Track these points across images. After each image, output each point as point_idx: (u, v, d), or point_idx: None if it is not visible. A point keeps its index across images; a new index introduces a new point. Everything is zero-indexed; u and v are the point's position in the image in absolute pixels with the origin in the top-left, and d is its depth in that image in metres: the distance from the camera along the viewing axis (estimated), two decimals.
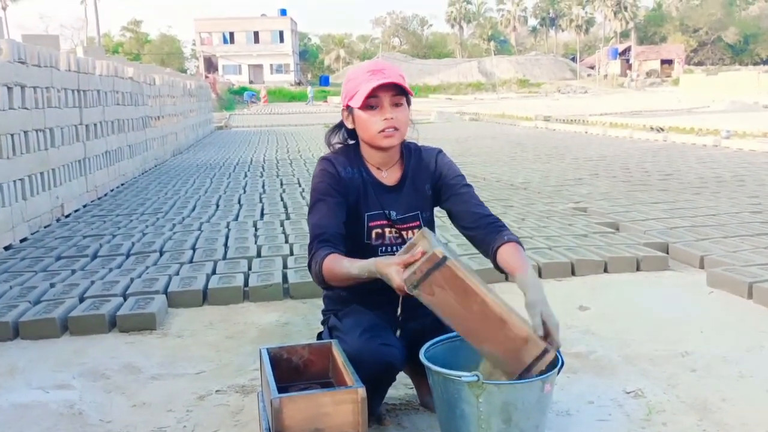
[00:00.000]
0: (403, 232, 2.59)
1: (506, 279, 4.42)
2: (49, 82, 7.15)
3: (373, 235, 2.56)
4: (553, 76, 78.51)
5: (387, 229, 2.57)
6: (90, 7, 54.41)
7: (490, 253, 2.44)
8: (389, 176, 2.61)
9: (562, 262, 4.72)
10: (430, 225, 2.64)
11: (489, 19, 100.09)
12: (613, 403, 2.75)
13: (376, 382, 2.32)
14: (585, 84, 71.08)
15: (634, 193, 7.69)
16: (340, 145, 2.66)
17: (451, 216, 2.63)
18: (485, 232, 2.48)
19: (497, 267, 2.43)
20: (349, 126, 2.57)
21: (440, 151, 2.71)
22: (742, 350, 3.27)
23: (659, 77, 73.29)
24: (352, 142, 2.65)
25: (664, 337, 3.45)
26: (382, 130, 2.45)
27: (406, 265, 2.08)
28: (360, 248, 2.50)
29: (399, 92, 2.45)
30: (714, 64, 79.49)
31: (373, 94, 2.41)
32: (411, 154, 2.65)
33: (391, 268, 2.10)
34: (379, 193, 2.57)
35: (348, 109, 2.53)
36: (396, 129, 2.46)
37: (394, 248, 2.57)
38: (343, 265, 2.29)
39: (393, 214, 2.57)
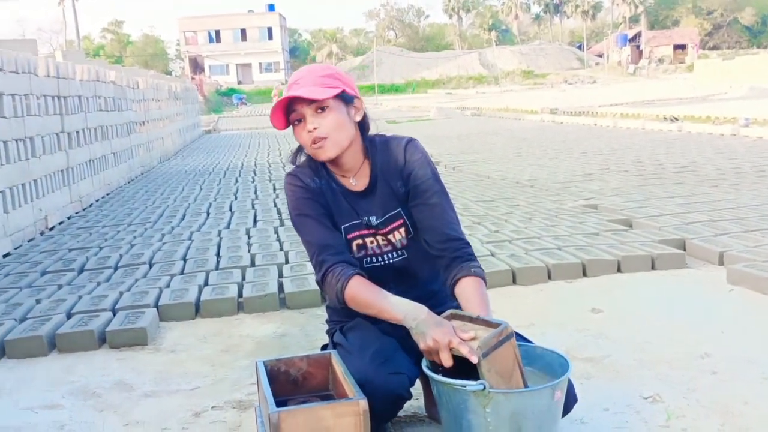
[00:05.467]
0: (390, 236, 2.53)
1: (513, 282, 4.49)
2: (28, 89, 7.18)
3: (354, 248, 2.51)
4: (559, 66, 78.47)
5: (369, 239, 2.52)
6: (68, 8, 54.42)
7: (449, 280, 2.42)
8: (358, 183, 2.52)
9: (573, 262, 4.73)
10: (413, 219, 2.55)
11: (489, 7, 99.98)
12: (630, 410, 2.76)
13: (382, 412, 2.28)
14: (593, 73, 71.10)
15: (648, 188, 7.71)
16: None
17: (417, 227, 2.52)
18: (451, 257, 2.44)
19: (452, 294, 2.43)
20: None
21: (410, 140, 2.53)
22: (766, 350, 3.28)
23: (672, 63, 73.29)
24: None
25: (682, 339, 3.47)
26: (311, 144, 2.39)
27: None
28: None
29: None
30: (730, 47, 79.42)
31: (289, 109, 2.37)
32: (377, 150, 2.53)
33: (446, 328, 2.14)
34: (352, 201, 2.50)
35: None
36: (323, 138, 2.36)
37: (380, 258, 2.53)
38: (376, 298, 2.29)
39: (373, 219, 2.51)
